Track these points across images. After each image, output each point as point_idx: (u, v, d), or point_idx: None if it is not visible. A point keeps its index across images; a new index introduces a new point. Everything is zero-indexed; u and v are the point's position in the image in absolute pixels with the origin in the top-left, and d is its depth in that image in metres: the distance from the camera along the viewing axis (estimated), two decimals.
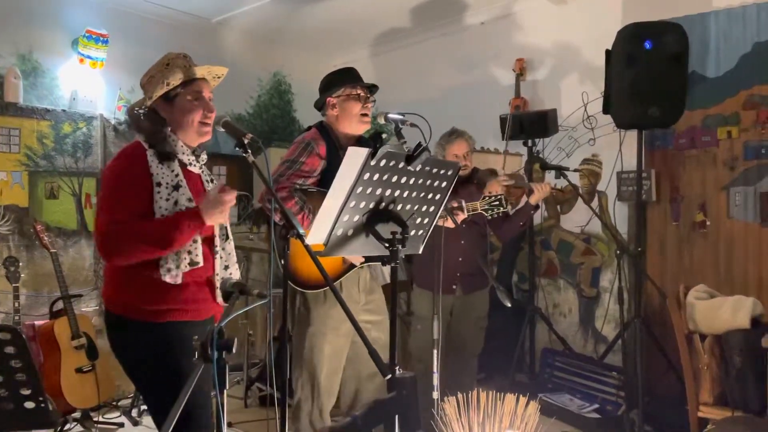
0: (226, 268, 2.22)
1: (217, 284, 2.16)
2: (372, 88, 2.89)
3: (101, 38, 4.25)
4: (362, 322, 2.74)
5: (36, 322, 3.79)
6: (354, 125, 2.81)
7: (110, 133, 4.47)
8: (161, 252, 2.00)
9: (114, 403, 4.05)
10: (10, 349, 2.41)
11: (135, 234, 1.98)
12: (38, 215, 4.13)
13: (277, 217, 2.47)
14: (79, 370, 3.69)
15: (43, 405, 2.40)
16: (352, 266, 2.75)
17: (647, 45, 3.53)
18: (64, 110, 4.27)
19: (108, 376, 3.81)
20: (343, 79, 2.84)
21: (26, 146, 4.09)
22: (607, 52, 3.75)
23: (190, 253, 2.06)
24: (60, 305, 3.78)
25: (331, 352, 2.76)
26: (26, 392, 2.39)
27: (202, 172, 2.24)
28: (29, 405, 2.39)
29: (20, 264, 3.71)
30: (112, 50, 4.35)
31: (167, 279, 2.01)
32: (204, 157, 2.26)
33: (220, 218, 2.07)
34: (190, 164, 2.17)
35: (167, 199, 2.03)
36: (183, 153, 2.14)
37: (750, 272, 3.76)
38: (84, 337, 3.76)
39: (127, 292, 2.07)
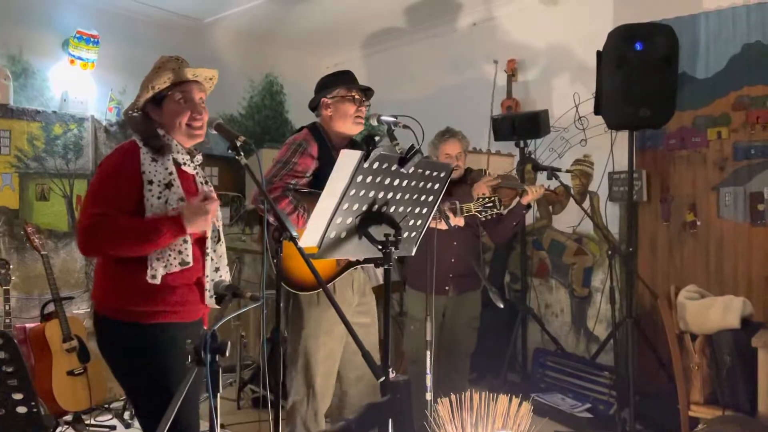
0: (217, 270, 2.22)
1: (208, 286, 2.16)
2: (367, 92, 2.89)
3: (92, 39, 4.23)
4: (355, 325, 2.76)
5: (27, 325, 3.78)
6: (348, 126, 2.81)
7: (101, 135, 4.46)
8: (137, 251, 1.99)
9: (106, 405, 4.02)
10: (1, 354, 2.40)
11: (114, 229, 1.97)
12: (29, 217, 4.10)
13: (270, 218, 2.47)
14: (70, 373, 3.67)
15: (35, 410, 2.39)
16: (346, 268, 2.75)
17: (638, 46, 3.56)
18: (54, 112, 4.25)
19: (100, 378, 3.79)
20: (338, 80, 2.85)
21: (16, 148, 4.07)
22: (598, 53, 3.77)
23: (180, 253, 2.05)
24: (51, 308, 3.76)
25: (325, 354, 2.76)
26: (18, 397, 2.38)
27: (197, 173, 2.23)
28: (21, 410, 2.38)
29: (11, 266, 3.68)
30: (103, 51, 4.33)
31: (149, 281, 2.01)
32: (199, 158, 2.26)
33: (201, 226, 2.06)
34: (185, 164, 2.17)
35: (159, 197, 2.03)
36: (178, 152, 2.14)
37: (740, 272, 3.79)
38: (75, 340, 3.75)
39: (117, 293, 2.06)
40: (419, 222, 2.25)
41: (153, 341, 2.04)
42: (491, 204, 3.05)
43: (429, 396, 2.46)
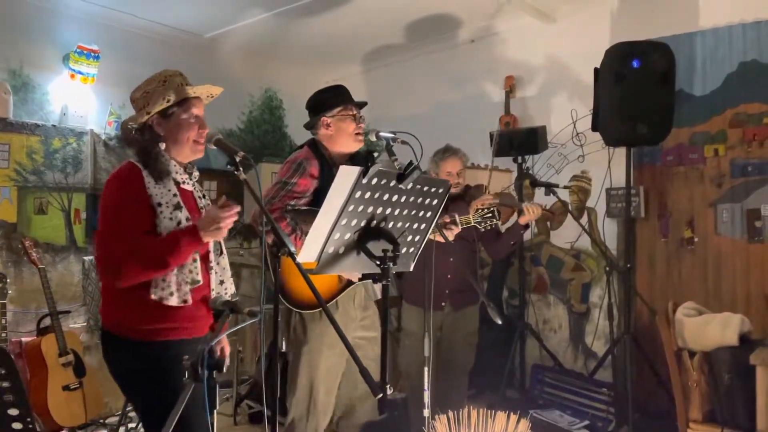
0: (222, 283, 2.22)
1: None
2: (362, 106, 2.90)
3: (92, 54, 4.25)
4: (358, 339, 2.75)
5: (23, 339, 3.75)
6: (349, 144, 2.81)
7: (100, 149, 4.46)
8: (159, 272, 1.99)
9: (102, 420, 4.00)
10: None
11: (135, 254, 1.96)
12: (27, 231, 4.10)
13: (269, 239, 2.46)
14: (66, 388, 3.65)
15: (30, 426, 2.37)
16: (348, 284, 2.74)
17: (635, 64, 3.59)
18: (54, 126, 4.26)
19: (96, 393, 3.77)
20: (336, 98, 2.84)
21: (16, 161, 4.07)
22: (596, 70, 3.80)
23: (191, 272, 2.06)
24: (47, 322, 3.74)
25: (327, 370, 2.74)
26: (14, 413, 2.36)
27: (195, 188, 2.24)
28: (17, 426, 2.37)
29: (8, 280, 3.67)
30: (104, 66, 4.35)
31: (172, 302, 2.01)
32: (196, 173, 2.27)
33: (217, 235, 2.05)
34: (184, 182, 2.17)
35: (170, 219, 2.04)
36: (176, 172, 2.15)
37: (738, 289, 3.79)
38: (71, 354, 3.72)
39: (124, 311, 2.06)
40: (417, 237, 2.26)
41: (160, 358, 2.04)
42: (490, 215, 3.03)
43: (427, 413, 2.45)
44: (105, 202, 2.11)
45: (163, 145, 2.13)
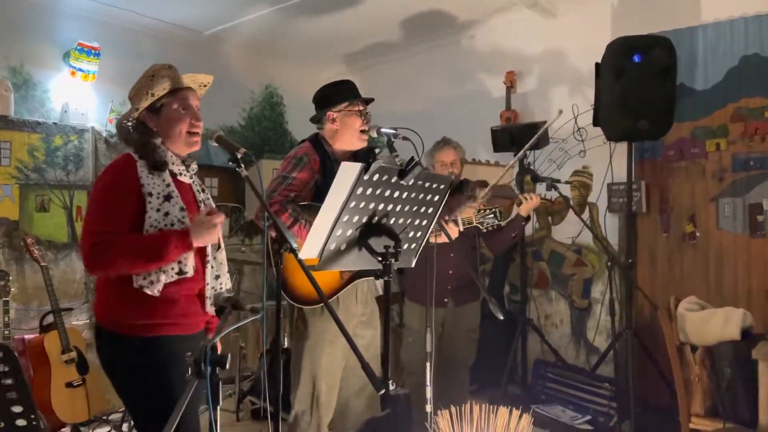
0: (218, 277, 2.22)
1: (209, 294, 2.16)
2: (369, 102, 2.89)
3: (93, 51, 4.25)
4: (358, 336, 2.75)
5: (26, 336, 3.77)
6: (354, 141, 2.79)
7: (101, 146, 4.46)
8: (144, 268, 1.98)
9: (104, 417, 4.00)
10: (1, 367, 2.39)
11: (121, 247, 1.96)
12: (28, 228, 4.10)
13: (272, 233, 2.46)
14: (69, 385, 3.65)
15: (34, 423, 2.38)
16: (350, 280, 2.74)
17: (636, 58, 3.58)
18: (55, 123, 4.26)
19: (98, 390, 3.77)
20: (344, 93, 2.81)
21: (17, 159, 4.08)
22: (597, 65, 3.79)
23: (179, 262, 2.04)
24: (50, 319, 3.75)
25: (329, 365, 2.74)
26: (18, 410, 2.37)
27: (193, 181, 2.23)
28: (21, 423, 2.38)
29: (10, 278, 3.68)
30: (104, 63, 4.35)
31: (147, 291, 1.99)
32: (194, 167, 2.25)
33: (208, 240, 2.05)
34: (181, 174, 2.16)
35: (158, 210, 2.02)
36: (173, 163, 2.14)
37: (739, 283, 3.79)
38: (74, 351, 3.73)
39: (118, 306, 2.05)
40: (419, 234, 2.26)
41: (153, 354, 2.03)
42: (492, 215, 3.06)
43: (429, 408, 2.45)
44: (95, 191, 2.12)
45: (159, 140, 2.12)
